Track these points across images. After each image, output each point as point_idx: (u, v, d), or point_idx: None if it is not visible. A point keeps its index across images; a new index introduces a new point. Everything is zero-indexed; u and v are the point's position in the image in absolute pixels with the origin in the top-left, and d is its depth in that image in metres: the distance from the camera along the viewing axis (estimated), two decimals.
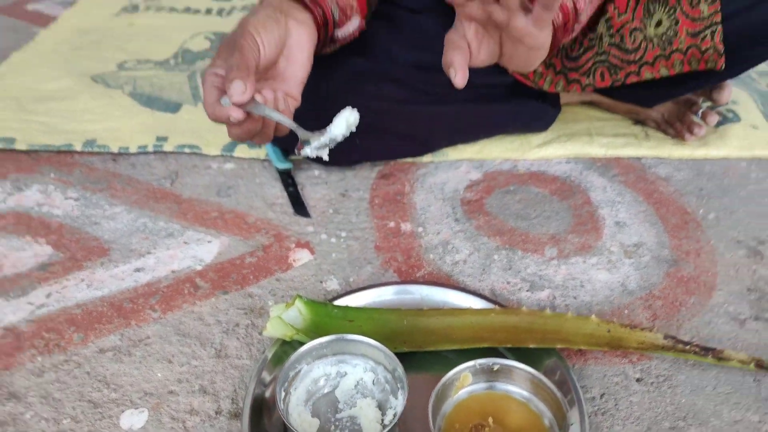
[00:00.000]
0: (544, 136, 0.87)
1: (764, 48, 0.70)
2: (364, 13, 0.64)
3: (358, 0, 0.63)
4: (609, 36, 0.72)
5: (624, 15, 0.72)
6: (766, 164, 0.83)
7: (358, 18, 0.63)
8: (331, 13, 0.58)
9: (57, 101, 0.95)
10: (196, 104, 0.95)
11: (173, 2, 1.37)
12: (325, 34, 0.58)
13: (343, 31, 0.62)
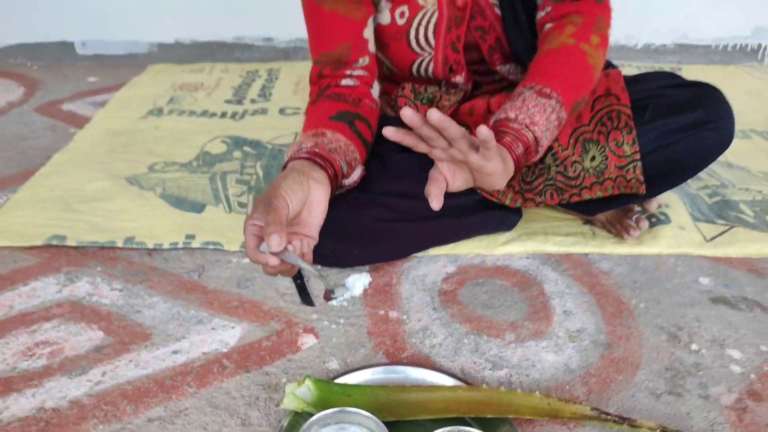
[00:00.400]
0: (508, 235, 1.04)
1: (675, 177, 0.90)
2: (364, 160, 0.83)
3: (360, 153, 0.82)
4: (555, 166, 0.91)
5: (566, 151, 0.91)
6: (690, 260, 1.01)
7: (360, 168, 0.82)
8: (340, 167, 0.76)
9: (98, 201, 1.13)
10: (217, 205, 1.12)
11: (192, 106, 1.58)
12: (336, 184, 0.76)
13: (349, 180, 0.80)
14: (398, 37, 0.92)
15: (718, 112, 0.88)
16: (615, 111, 0.90)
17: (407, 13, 0.89)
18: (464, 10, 0.89)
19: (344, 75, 0.89)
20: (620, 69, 0.97)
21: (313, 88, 0.91)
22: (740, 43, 1.95)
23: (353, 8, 0.86)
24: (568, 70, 0.81)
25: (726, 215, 1.10)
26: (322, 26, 0.88)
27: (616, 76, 0.93)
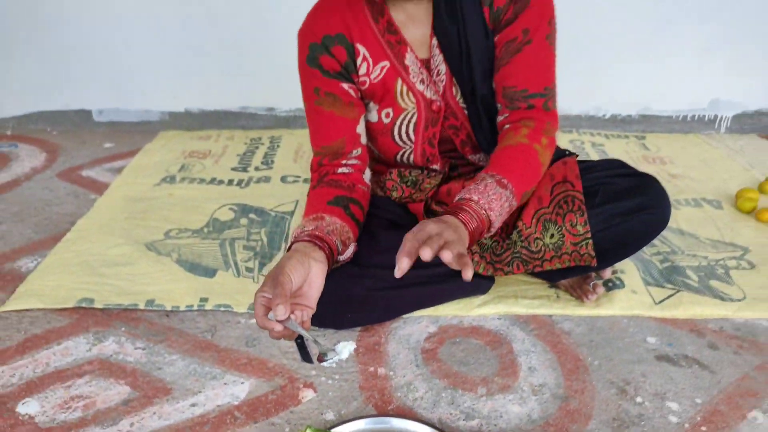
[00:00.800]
0: (483, 297, 1.19)
1: (621, 252, 1.07)
2: (357, 237, 0.99)
3: (353, 232, 0.98)
4: (520, 242, 1.07)
5: (530, 229, 1.07)
6: (640, 321, 1.16)
7: (353, 245, 0.98)
8: (336, 247, 0.92)
9: (121, 266, 1.27)
10: (227, 270, 1.27)
11: (202, 174, 1.74)
12: (333, 260, 0.91)
13: (344, 256, 0.96)
14: (384, 133, 1.09)
15: (656, 199, 1.05)
16: (570, 196, 1.06)
17: (392, 114, 1.07)
18: (438, 113, 1.06)
19: (340, 164, 1.05)
20: (576, 156, 1.14)
21: (313, 175, 1.07)
22: (698, 114, 2.16)
23: (347, 109, 1.04)
24: (523, 166, 0.97)
25: (674, 280, 1.26)
26: (321, 124, 1.05)
27: (572, 165, 1.10)
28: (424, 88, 1.05)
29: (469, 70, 1.02)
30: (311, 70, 1.02)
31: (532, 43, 0.98)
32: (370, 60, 1.02)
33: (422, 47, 1.03)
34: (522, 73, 0.99)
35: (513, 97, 1.01)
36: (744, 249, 1.39)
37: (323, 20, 1.00)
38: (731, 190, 1.67)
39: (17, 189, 1.67)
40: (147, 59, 2.03)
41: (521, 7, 0.97)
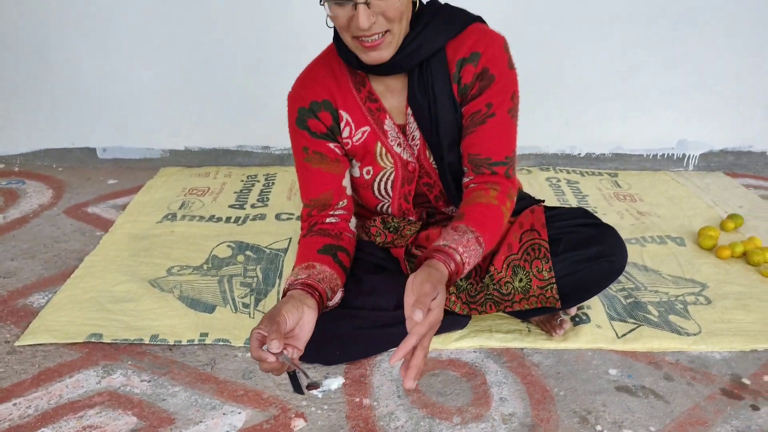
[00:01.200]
0: (461, 332, 1.30)
1: (582, 295, 1.19)
2: (344, 282, 1.10)
3: (341, 278, 1.09)
4: (492, 285, 1.18)
5: (501, 273, 1.18)
6: (604, 354, 1.27)
7: (340, 291, 1.09)
8: (326, 293, 1.03)
9: (127, 303, 1.37)
10: (225, 306, 1.37)
11: (201, 211, 1.85)
12: (323, 306, 1.02)
13: (332, 302, 1.07)
14: (365, 187, 1.21)
15: (613, 248, 1.17)
16: (537, 244, 1.18)
17: (372, 172, 1.19)
18: (413, 173, 1.18)
19: (328, 215, 1.17)
20: (543, 205, 1.26)
21: (303, 224, 1.19)
22: (667, 152, 2.30)
23: (333, 166, 1.15)
24: (495, 226, 1.07)
25: (636, 315, 1.37)
26: (310, 179, 1.16)
27: (539, 214, 1.21)
28: (401, 151, 1.17)
29: (437, 139, 1.13)
30: (300, 131, 1.14)
31: (496, 116, 1.08)
32: (353, 125, 1.14)
33: (399, 114, 1.15)
34: (485, 143, 1.10)
35: (478, 163, 1.12)
36: (702, 285, 1.51)
37: (311, 87, 1.12)
38: (695, 228, 1.80)
39: (27, 226, 1.77)
40: (149, 99, 2.16)
41: (486, 84, 1.07)
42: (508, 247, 1.19)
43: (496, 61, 1.07)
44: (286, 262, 1.56)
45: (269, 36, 2.05)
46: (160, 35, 2.06)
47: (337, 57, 1.11)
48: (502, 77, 1.08)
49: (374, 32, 0.97)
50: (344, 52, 1.06)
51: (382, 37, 0.98)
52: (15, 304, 1.39)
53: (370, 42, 0.98)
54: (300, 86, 1.14)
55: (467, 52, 1.07)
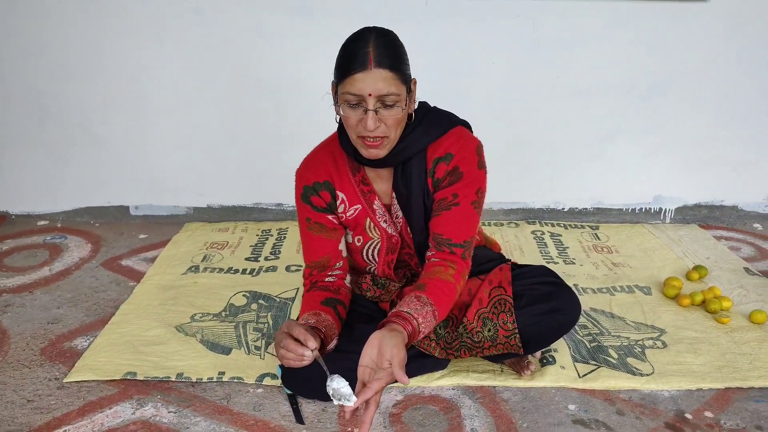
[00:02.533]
0: (442, 372, 1.50)
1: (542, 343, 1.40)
2: (339, 332, 1.32)
3: (338, 328, 1.31)
4: (466, 334, 1.39)
5: (472, 324, 1.39)
6: (565, 392, 1.46)
7: (336, 340, 1.32)
8: (328, 339, 1.26)
9: (156, 345, 1.60)
10: (240, 348, 1.59)
11: (220, 264, 2.10)
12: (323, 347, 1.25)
13: (329, 347, 1.29)
14: (356, 252, 1.44)
15: (567, 304, 1.38)
16: (503, 299, 1.38)
17: (362, 240, 1.42)
18: (396, 245, 1.41)
19: (327, 275, 1.40)
20: (511, 262, 1.48)
21: (306, 282, 1.42)
22: (645, 207, 2.51)
23: (331, 233, 1.39)
24: (449, 303, 1.27)
25: (597, 357, 1.56)
26: (311, 245, 1.40)
27: (506, 272, 1.42)
28: (386, 226, 1.40)
29: (411, 223, 1.36)
30: (304, 205, 1.38)
31: (460, 206, 1.29)
32: (347, 203, 1.38)
33: (386, 196, 1.38)
34: (448, 226, 1.30)
35: (440, 242, 1.33)
36: (661, 330, 1.70)
37: (314, 170, 1.37)
38: (662, 278, 1.99)
39: (69, 277, 2.03)
40: (175, 163, 2.44)
41: (455, 180, 1.29)
42: (479, 301, 1.40)
43: (466, 162, 1.28)
44: (293, 309, 1.79)
45: (285, 111, 2.34)
46: (187, 109, 2.36)
47: (338, 146, 1.34)
48: (469, 175, 1.29)
49: (376, 135, 1.18)
50: (345, 144, 1.30)
51: (381, 140, 1.20)
52: (62, 347, 1.63)
53: (371, 142, 1.20)
54: (305, 168, 1.39)
55: (443, 153, 1.29)
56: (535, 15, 2.23)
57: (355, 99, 1.16)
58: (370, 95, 1.14)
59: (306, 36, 2.24)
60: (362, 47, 1.14)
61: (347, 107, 1.18)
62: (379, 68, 1.13)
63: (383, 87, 1.14)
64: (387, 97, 1.15)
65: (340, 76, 1.18)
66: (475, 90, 2.27)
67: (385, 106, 1.16)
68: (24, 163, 2.43)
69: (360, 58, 1.14)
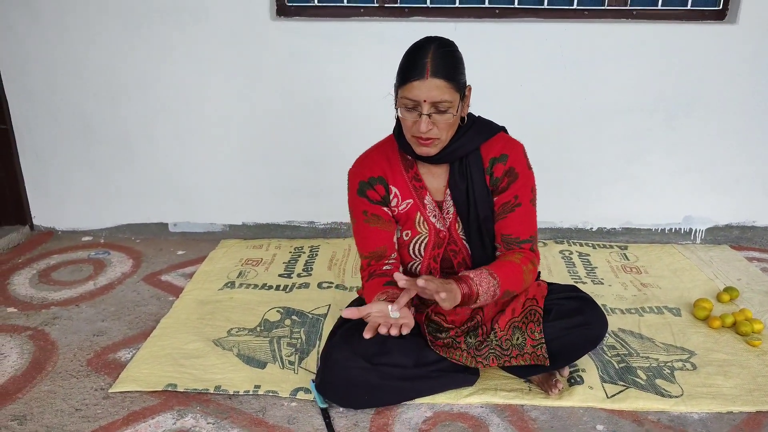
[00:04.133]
0: (470, 389, 1.53)
1: (568, 357, 1.42)
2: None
3: None
4: (496, 341, 1.43)
5: (502, 332, 1.43)
6: (593, 412, 1.47)
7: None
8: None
9: (196, 358, 1.67)
10: (275, 363, 1.65)
11: (255, 280, 2.17)
12: None
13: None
14: (403, 246, 1.50)
15: (593, 318, 1.41)
16: (534, 310, 1.43)
17: (410, 235, 1.48)
18: (444, 239, 1.47)
19: (384, 264, 1.46)
20: (546, 284, 1.51)
21: (364, 273, 1.48)
22: (675, 227, 2.50)
23: (387, 225, 1.46)
24: (510, 270, 1.35)
25: (625, 378, 1.58)
26: (368, 236, 1.46)
27: (543, 289, 1.48)
28: (435, 221, 1.46)
29: (475, 214, 1.43)
30: (361, 198, 1.46)
31: (522, 206, 1.40)
32: (400, 197, 1.46)
33: (438, 193, 1.46)
34: (515, 226, 1.41)
35: (509, 241, 1.42)
36: (691, 352, 1.70)
37: (368, 166, 1.46)
38: (692, 299, 1.99)
39: (113, 291, 2.13)
40: (212, 182, 2.54)
41: (512, 180, 1.40)
42: (512, 311, 1.45)
43: (519, 162, 1.41)
44: (325, 325, 1.84)
45: (318, 132, 2.42)
46: (223, 129, 2.46)
47: (392, 146, 1.46)
48: (523, 175, 1.40)
49: (429, 136, 1.31)
50: (403, 143, 1.41)
51: (432, 141, 1.32)
52: (107, 358, 1.71)
53: (424, 141, 1.32)
54: (361, 165, 1.48)
55: (497, 153, 1.41)
56: (562, 37, 2.28)
57: (411, 103, 1.28)
58: (424, 101, 1.26)
59: (341, 60, 2.32)
60: (422, 57, 1.27)
61: (405, 110, 1.31)
62: (435, 78, 1.25)
63: (437, 95, 1.26)
64: (440, 103, 1.27)
65: (400, 81, 1.31)
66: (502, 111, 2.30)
67: (439, 111, 1.28)
68: (70, 181, 2.56)
69: (418, 68, 1.26)
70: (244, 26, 2.30)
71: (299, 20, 2.32)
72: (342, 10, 2.34)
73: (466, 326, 1.48)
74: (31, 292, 2.12)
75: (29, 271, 2.28)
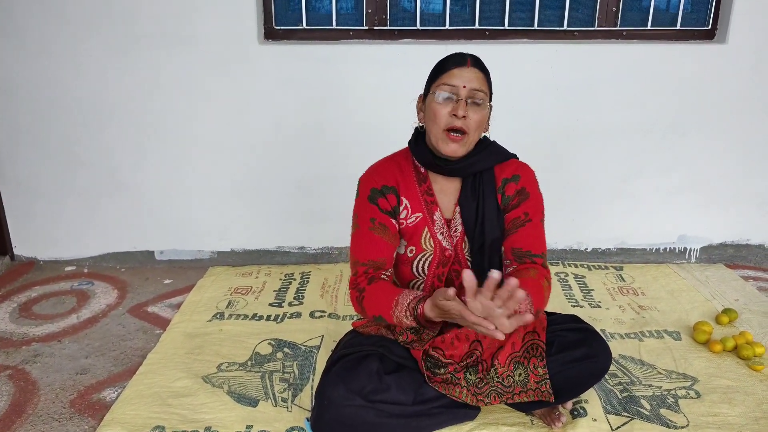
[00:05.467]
0: (471, 424, 1.48)
1: (573, 392, 1.37)
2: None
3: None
4: (496, 377, 1.38)
5: (503, 368, 1.38)
6: None
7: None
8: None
9: (184, 397, 1.60)
10: (267, 400, 1.59)
11: (245, 310, 2.11)
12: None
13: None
14: (406, 263, 1.45)
15: (597, 350, 1.37)
16: (536, 344, 1.38)
17: (415, 251, 1.43)
18: (449, 258, 1.43)
19: (382, 273, 1.40)
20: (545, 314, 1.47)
21: (361, 278, 1.39)
22: (669, 247, 2.48)
23: (392, 238, 1.41)
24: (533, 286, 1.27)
25: (629, 409, 1.53)
26: (371, 245, 1.40)
27: (543, 320, 1.43)
28: (442, 239, 1.42)
29: (481, 233, 1.40)
30: (371, 205, 1.41)
31: (532, 222, 1.39)
32: (410, 209, 1.42)
33: (448, 210, 1.43)
34: (527, 240, 1.38)
35: (520, 255, 1.38)
36: (693, 379, 1.66)
37: (382, 175, 1.42)
38: (691, 321, 1.96)
39: (97, 325, 2.05)
40: (199, 208, 2.48)
41: (523, 199, 1.40)
42: (512, 345, 1.40)
43: (530, 184, 1.42)
44: (318, 358, 1.79)
45: (307, 157, 2.38)
46: (210, 155, 2.41)
47: (406, 158, 1.45)
48: (534, 195, 1.41)
49: (461, 126, 1.30)
50: (420, 152, 1.41)
51: (462, 137, 1.32)
52: (91, 399, 1.64)
53: (455, 135, 1.32)
54: (374, 173, 1.44)
55: (510, 174, 1.42)
56: (554, 59, 2.26)
57: (449, 90, 1.31)
58: (464, 87, 1.30)
59: (331, 84, 2.28)
60: (461, 54, 1.34)
61: (441, 99, 1.32)
62: (475, 68, 1.32)
63: (476, 83, 1.30)
64: (477, 93, 1.31)
65: (437, 73, 1.34)
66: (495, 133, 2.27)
67: (474, 103, 1.31)
68: (53, 209, 2.48)
69: (458, 58, 1.33)
70: (232, 50, 2.26)
71: (288, 44, 2.29)
72: (331, 33, 2.32)
73: (465, 362, 1.43)
74: (11, 327, 2.04)
75: (9, 305, 2.20)
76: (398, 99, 1.78)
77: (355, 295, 1.39)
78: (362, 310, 1.38)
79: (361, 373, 1.37)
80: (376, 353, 1.44)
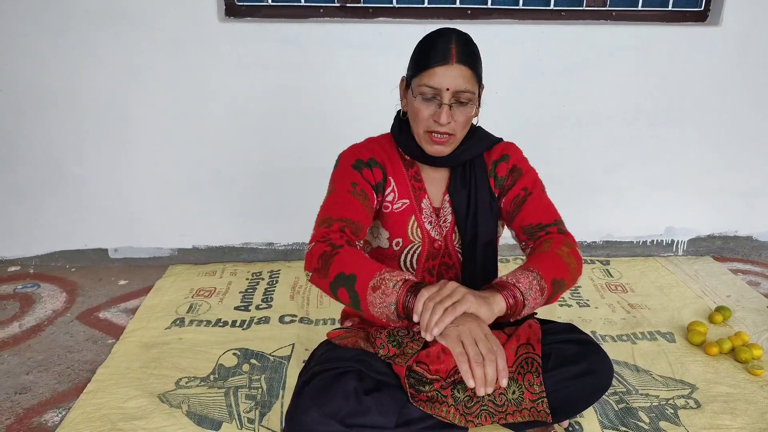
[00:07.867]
0: None
1: (571, 410, 1.24)
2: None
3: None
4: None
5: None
6: None
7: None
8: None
9: (137, 420, 1.43)
10: (231, 422, 1.42)
11: (207, 315, 1.93)
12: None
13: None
14: (393, 258, 1.30)
15: (598, 365, 1.24)
16: (530, 357, 1.25)
17: (401, 244, 1.29)
18: (439, 250, 1.29)
19: (356, 241, 1.19)
20: (536, 318, 1.33)
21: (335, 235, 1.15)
22: (656, 239, 2.39)
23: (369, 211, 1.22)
24: (546, 259, 1.15)
25: (627, 422, 1.42)
26: (349, 206, 1.20)
27: (536, 329, 1.29)
28: (431, 229, 1.29)
29: (474, 224, 1.28)
30: (354, 171, 1.24)
31: (533, 194, 1.28)
32: (397, 193, 1.29)
33: (437, 198, 1.30)
34: (533, 214, 1.26)
35: (532, 231, 1.25)
36: (692, 386, 1.56)
37: (369, 150, 1.29)
38: (684, 321, 1.86)
39: (41, 334, 1.85)
40: (157, 202, 2.27)
41: (517, 176, 1.30)
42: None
43: (521, 161, 1.34)
44: (289, 370, 1.62)
45: (273, 145, 2.19)
46: (166, 146, 2.20)
47: (390, 143, 1.33)
48: (527, 170, 1.32)
49: (445, 131, 1.18)
50: (405, 142, 1.27)
51: (448, 138, 1.20)
52: (31, 423, 1.45)
53: (438, 138, 1.19)
54: (359, 147, 1.30)
55: (498, 155, 1.33)
56: (539, 40, 2.12)
57: (431, 92, 1.17)
58: (447, 89, 1.15)
59: (298, 66, 2.09)
60: (445, 43, 1.16)
61: (421, 100, 1.18)
62: (460, 64, 1.15)
63: (462, 83, 1.15)
64: (463, 94, 1.16)
65: (418, 68, 1.18)
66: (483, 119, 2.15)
67: (459, 102, 1.17)
68: None
69: (442, 52, 1.15)
70: (187, 29, 2.04)
71: (251, 21, 2.09)
72: (299, 11, 2.12)
73: (452, 378, 1.29)
74: None
75: None
76: (373, 85, 1.62)
77: (324, 249, 1.11)
78: (324, 266, 1.10)
79: (337, 394, 1.21)
80: (354, 370, 1.28)
